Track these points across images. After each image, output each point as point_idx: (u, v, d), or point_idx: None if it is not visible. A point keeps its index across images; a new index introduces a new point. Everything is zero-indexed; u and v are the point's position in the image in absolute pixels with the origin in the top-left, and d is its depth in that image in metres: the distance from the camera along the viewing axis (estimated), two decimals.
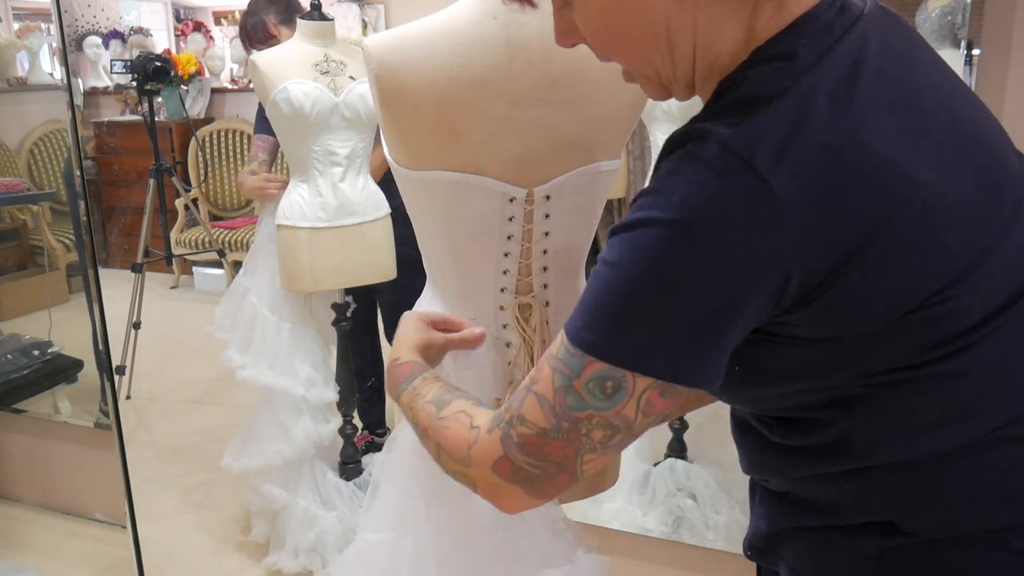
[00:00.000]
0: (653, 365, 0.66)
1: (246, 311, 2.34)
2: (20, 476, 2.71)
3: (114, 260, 4.78)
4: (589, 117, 1.06)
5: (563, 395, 0.68)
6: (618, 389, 0.66)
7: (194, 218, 4.60)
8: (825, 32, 0.67)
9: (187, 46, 5.11)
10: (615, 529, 2.08)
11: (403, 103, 1.00)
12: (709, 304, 0.64)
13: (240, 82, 5.06)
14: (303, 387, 2.30)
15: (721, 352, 0.67)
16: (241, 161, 4.90)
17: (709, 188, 0.63)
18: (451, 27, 1.01)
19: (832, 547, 0.77)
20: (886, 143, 0.64)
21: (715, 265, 0.63)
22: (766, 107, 0.64)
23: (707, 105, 0.72)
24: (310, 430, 2.31)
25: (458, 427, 0.79)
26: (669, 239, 0.63)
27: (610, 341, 0.66)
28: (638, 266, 0.65)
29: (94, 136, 5.11)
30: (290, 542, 2.29)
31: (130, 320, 3.32)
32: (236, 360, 2.30)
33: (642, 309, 0.65)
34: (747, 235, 0.62)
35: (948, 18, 1.71)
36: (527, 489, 0.73)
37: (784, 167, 0.62)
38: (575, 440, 0.69)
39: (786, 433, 0.76)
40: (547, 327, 1.15)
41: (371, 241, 2.31)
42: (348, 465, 2.50)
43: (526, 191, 1.05)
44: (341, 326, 2.45)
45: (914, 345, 0.68)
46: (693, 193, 0.63)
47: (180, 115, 4.76)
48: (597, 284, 0.68)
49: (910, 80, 0.69)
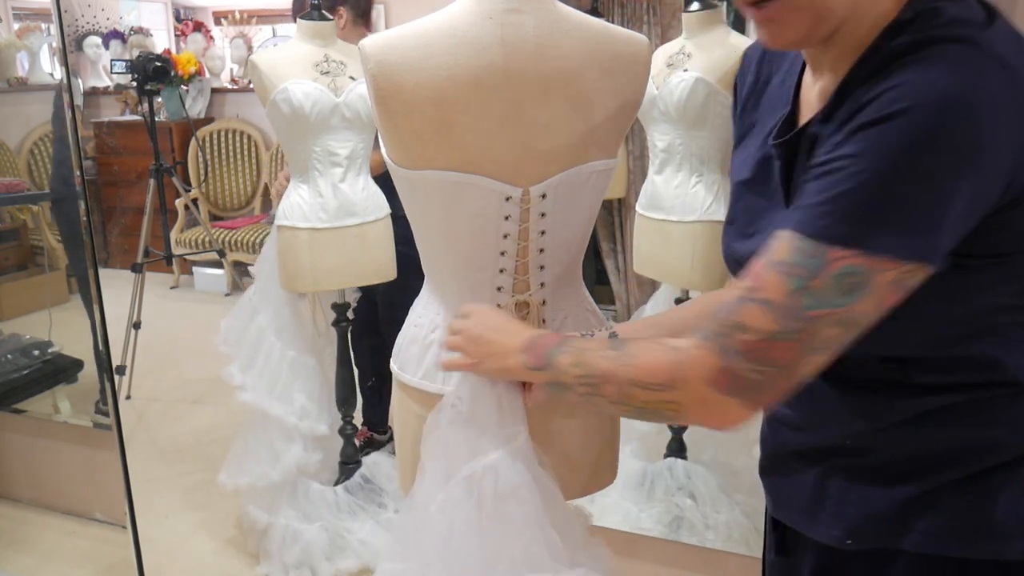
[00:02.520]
0: (912, 247, 0.68)
1: (253, 332, 2.35)
2: (20, 476, 2.71)
3: (114, 260, 4.79)
4: (584, 116, 1.06)
5: (798, 296, 0.69)
6: (858, 286, 0.68)
7: (194, 218, 4.60)
8: None
9: (187, 46, 5.11)
10: (614, 528, 2.08)
11: (399, 103, 1.00)
12: (962, 189, 0.67)
13: (240, 82, 5.06)
14: (297, 416, 2.31)
15: (954, 235, 0.69)
16: (241, 161, 4.90)
17: (967, 78, 0.66)
18: (447, 27, 1.01)
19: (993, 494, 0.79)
20: None
21: (974, 151, 0.66)
22: (982, 28, 0.70)
23: (871, 53, 0.74)
24: (300, 456, 2.31)
25: (656, 353, 0.79)
26: (927, 127, 0.66)
27: (864, 231, 0.68)
28: (890, 156, 0.67)
29: (94, 136, 5.11)
30: (277, 559, 2.29)
31: (130, 320, 3.33)
32: (237, 379, 2.31)
33: (899, 196, 0.67)
34: (1007, 122, 0.66)
35: None
36: (745, 399, 0.73)
37: None
38: (806, 340, 0.70)
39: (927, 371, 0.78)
40: (544, 326, 1.15)
41: (371, 241, 2.30)
42: (348, 465, 2.50)
43: (522, 190, 1.05)
44: (341, 326, 2.45)
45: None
46: (952, 83, 0.66)
47: (180, 115, 4.77)
48: (839, 179, 0.69)
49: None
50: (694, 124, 1.89)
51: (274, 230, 2.34)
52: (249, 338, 2.34)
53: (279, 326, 2.34)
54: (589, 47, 1.05)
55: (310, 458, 2.34)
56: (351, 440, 2.51)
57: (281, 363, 2.32)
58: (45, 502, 2.68)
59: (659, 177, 2.00)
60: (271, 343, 2.32)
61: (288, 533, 2.29)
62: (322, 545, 2.29)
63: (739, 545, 2.07)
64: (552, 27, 1.03)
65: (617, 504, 2.16)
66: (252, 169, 4.86)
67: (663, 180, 1.99)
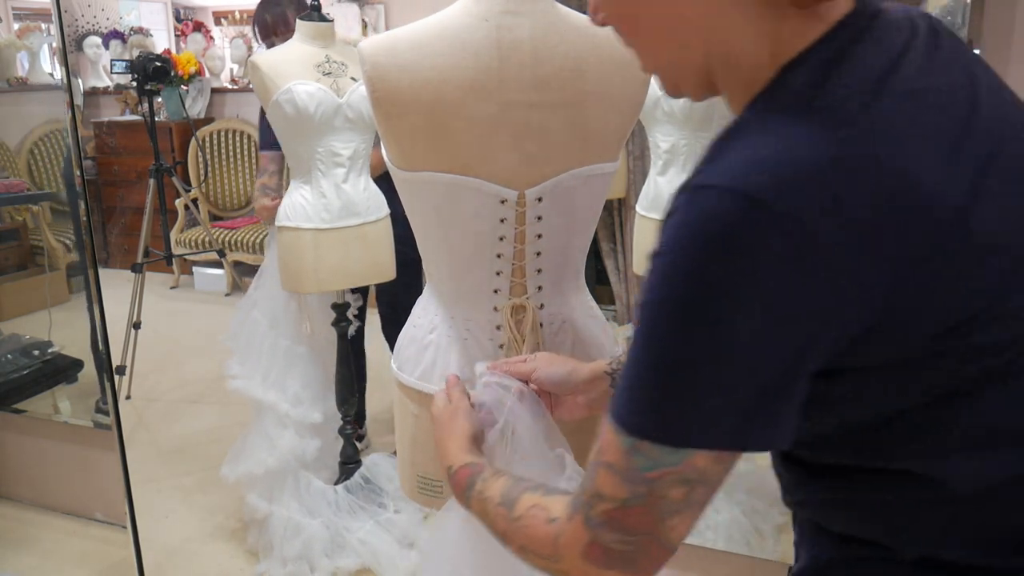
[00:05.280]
0: (713, 438, 0.61)
1: (249, 325, 2.39)
2: (20, 476, 2.71)
3: (114, 260, 4.79)
4: (582, 120, 1.05)
5: (631, 457, 0.63)
6: None
7: (194, 218, 4.60)
8: (852, 41, 0.62)
9: (187, 46, 5.11)
10: None
11: (395, 104, 1.00)
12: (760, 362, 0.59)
13: (240, 82, 5.06)
14: (289, 403, 2.33)
15: (787, 409, 0.61)
16: (241, 161, 4.90)
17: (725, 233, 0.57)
18: (443, 30, 1.01)
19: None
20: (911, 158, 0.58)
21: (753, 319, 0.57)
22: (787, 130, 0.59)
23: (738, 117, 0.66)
24: (294, 444, 2.33)
25: (536, 523, 0.74)
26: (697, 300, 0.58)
27: (657, 421, 0.62)
28: None
29: (94, 136, 5.11)
30: (277, 551, 2.29)
31: (130, 320, 3.33)
32: (235, 370, 2.35)
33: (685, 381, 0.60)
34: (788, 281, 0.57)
35: (948, 18, 1.70)
36: (625, 570, 0.67)
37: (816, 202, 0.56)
38: (655, 504, 0.63)
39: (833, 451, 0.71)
40: (540, 329, 1.15)
41: (372, 241, 2.31)
42: (348, 465, 2.50)
43: (517, 193, 1.05)
44: (341, 326, 2.45)
45: None
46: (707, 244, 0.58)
47: (180, 115, 4.77)
48: (630, 358, 0.62)
49: (951, 101, 0.63)
50: (700, 125, 1.89)
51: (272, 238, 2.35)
52: (246, 331, 2.37)
53: (273, 317, 2.36)
54: (588, 49, 1.05)
55: (306, 446, 2.35)
56: (351, 440, 2.51)
57: (274, 352, 2.35)
58: (45, 502, 2.68)
59: (662, 178, 2.00)
60: (264, 333, 2.36)
61: (290, 526, 2.30)
62: (323, 541, 2.30)
63: (739, 545, 2.07)
64: (549, 29, 1.03)
65: None
66: (252, 169, 4.86)
67: (666, 181, 1.99)
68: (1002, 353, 0.62)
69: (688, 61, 0.68)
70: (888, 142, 0.58)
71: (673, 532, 0.65)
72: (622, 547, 0.66)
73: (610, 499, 0.65)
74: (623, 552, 0.66)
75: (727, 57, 0.66)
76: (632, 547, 0.66)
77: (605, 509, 0.66)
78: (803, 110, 0.59)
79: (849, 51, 0.62)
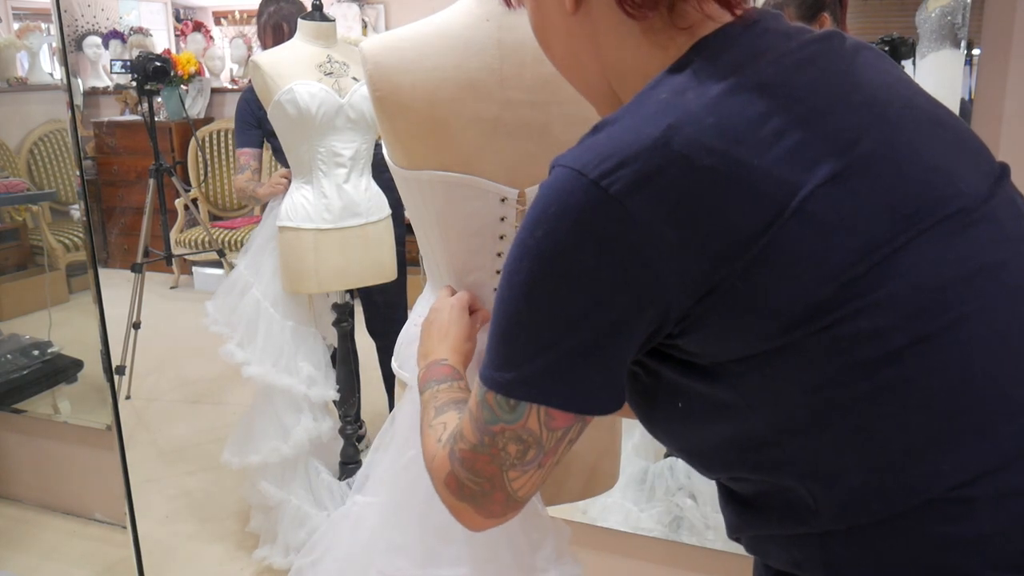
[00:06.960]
0: (532, 393, 0.66)
1: (248, 307, 2.34)
2: (20, 476, 2.71)
3: (114, 260, 4.79)
4: (582, 119, 1.05)
5: (480, 409, 0.69)
6: (517, 406, 0.67)
7: (194, 218, 4.60)
8: (721, 48, 0.66)
9: (187, 46, 5.12)
10: (614, 528, 2.08)
11: (396, 104, 1.00)
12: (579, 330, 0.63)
13: (240, 82, 5.07)
14: (305, 385, 2.31)
15: (605, 378, 0.66)
16: None
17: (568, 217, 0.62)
18: (444, 29, 1.01)
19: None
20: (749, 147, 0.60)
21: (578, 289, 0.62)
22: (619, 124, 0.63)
23: None
24: (310, 427, 2.31)
25: (430, 441, 0.79)
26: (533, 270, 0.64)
27: (497, 374, 0.68)
28: None
29: (94, 136, 5.11)
30: (281, 539, 2.29)
31: (130, 320, 3.33)
32: (238, 356, 2.30)
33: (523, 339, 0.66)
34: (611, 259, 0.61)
35: (948, 18, 1.70)
36: (473, 507, 0.73)
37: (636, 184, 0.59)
38: (496, 455, 0.69)
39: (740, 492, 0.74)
40: None
41: (373, 242, 2.31)
42: (348, 465, 2.50)
43: (517, 191, 1.05)
44: (342, 326, 2.45)
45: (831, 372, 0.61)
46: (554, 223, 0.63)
47: (180, 115, 4.77)
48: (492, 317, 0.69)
49: (823, 93, 0.64)
50: None
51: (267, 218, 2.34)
52: (245, 313, 2.33)
53: (276, 299, 2.33)
54: None
55: (321, 427, 2.35)
56: (351, 440, 2.51)
57: (282, 335, 2.32)
58: (45, 502, 2.68)
59: None
60: (270, 316, 2.32)
61: (299, 515, 2.30)
62: None
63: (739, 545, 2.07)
64: None
65: (618, 504, 2.16)
66: None
67: None
68: (874, 345, 0.60)
69: (591, 77, 0.75)
70: (719, 130, 0.60)
71: (516, 484, 0.71)
72: (472, 486, 0.72)
73: (466, 441, 0.72)
74: (473, 491, 0.72)
75: (623, 74, 0.72)
76: (479, 488, 0.72)
77: (461, 448, 0.72)
78: (650, 103, 0.63)
79: (708, 56, 0.65)
